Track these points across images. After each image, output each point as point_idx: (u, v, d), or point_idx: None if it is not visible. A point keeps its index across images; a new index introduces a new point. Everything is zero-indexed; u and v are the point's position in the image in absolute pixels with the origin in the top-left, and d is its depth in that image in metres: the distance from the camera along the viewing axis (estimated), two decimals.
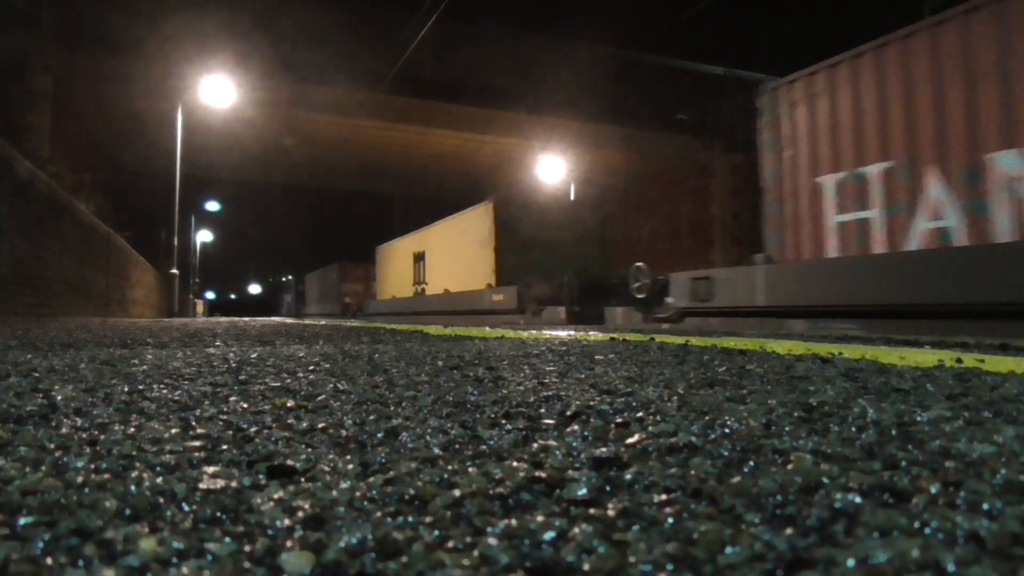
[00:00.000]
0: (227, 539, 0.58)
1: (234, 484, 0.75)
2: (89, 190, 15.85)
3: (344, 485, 0.75)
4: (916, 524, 0.60)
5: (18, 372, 1.95)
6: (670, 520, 0.63)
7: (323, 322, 10.68)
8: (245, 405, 1.35)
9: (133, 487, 0.73)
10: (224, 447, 0.95)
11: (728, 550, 0.55)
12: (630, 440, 0.97)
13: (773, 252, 8.15)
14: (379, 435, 1.04)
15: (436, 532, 0.60)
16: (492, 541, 0.57)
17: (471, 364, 2.26)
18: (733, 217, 21.07)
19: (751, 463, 0.84)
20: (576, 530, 0.60)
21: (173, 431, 1.07)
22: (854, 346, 3.13)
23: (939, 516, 0.62)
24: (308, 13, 20.07)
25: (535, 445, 0.96)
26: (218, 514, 0.65)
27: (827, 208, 7.49)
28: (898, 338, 3.98)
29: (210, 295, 57.25)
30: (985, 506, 0.65)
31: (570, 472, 0.80)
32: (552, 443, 0.97)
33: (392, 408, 1.31)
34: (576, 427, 1.09)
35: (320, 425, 1.12)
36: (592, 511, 0.66)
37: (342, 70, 20.40)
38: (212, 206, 40.46)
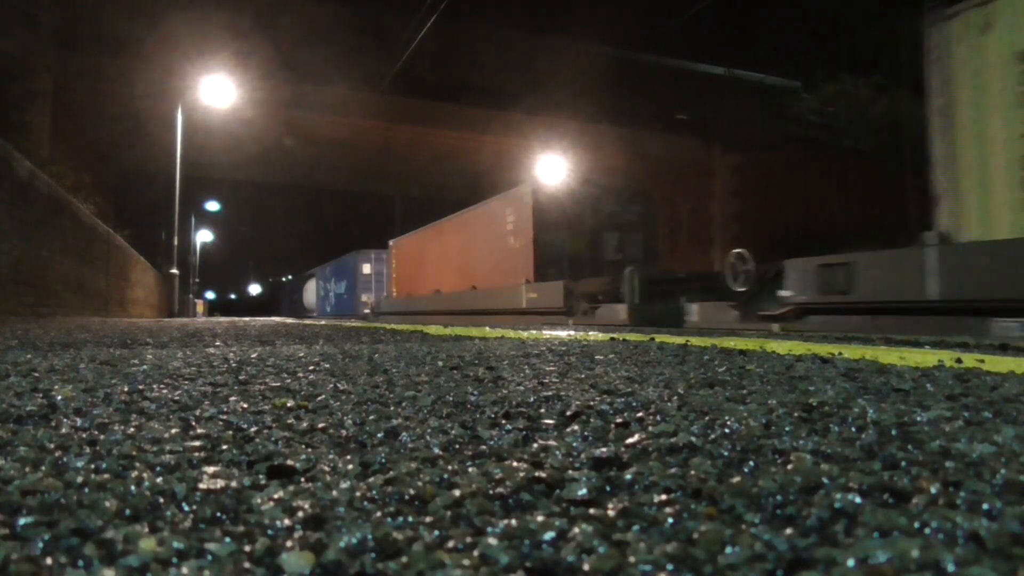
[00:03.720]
0: (227, 539, 0.58)
1: (234, 484, 0.75)
2: (89, 190, 15.83)
3: (344, 485, 0.75)
4: (916, 524, 0.60)
5: (18, 372, 1.95)
6: (670, 520, 0.63)
7: (323, 322, 10.66)
8: (245, 405, 1.35)
9: (133, 487, 0.73)
10: (224, 447, 0.95)
11: (728, 550, 0.55)
12: (630, 440, 0.97)
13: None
14: (379, 435, 1.04)
15: (436, 532, 0.60)
16: (492, 541, 0.57)
17: (471, 364, 2.26)
18: (734, 218, 20.92)
19: (751, 463, 0.84)
20: (576, 530, 0.60)
21: (173, 431, 1.07)
22: (854, 346, 3.13)
23: (939, 516, 0.62)
24: (308, 13, 20.07)
25: (535, 445, 0.96)
26: (218, 514, 0.65)
27: None
28: (899, 338, 3.98)
29: (210, 295, 57.14)
30: (985, 506, 0.65)
31: (570, 472, 0.80)
32: (552, 443, 0.97)
33: (392, 408, 1.31)
34: (576, 427, 1.09)
35: (320, 425, 1.12)
36: (592, 511, 0.66)
37: (342, 70, 20.39)
38: (212, 206, 40.35)
